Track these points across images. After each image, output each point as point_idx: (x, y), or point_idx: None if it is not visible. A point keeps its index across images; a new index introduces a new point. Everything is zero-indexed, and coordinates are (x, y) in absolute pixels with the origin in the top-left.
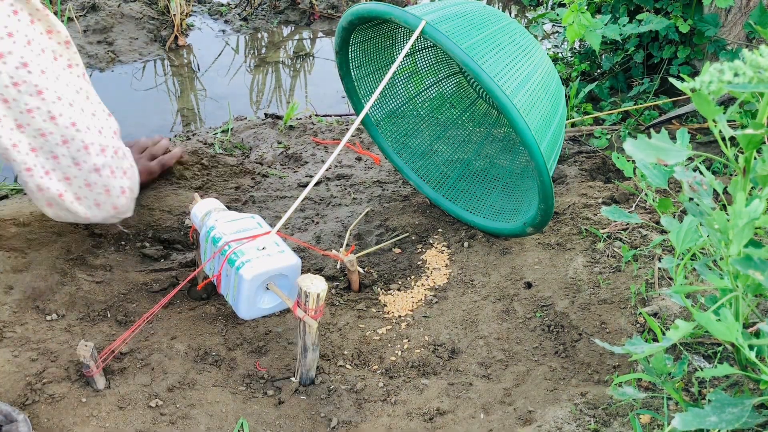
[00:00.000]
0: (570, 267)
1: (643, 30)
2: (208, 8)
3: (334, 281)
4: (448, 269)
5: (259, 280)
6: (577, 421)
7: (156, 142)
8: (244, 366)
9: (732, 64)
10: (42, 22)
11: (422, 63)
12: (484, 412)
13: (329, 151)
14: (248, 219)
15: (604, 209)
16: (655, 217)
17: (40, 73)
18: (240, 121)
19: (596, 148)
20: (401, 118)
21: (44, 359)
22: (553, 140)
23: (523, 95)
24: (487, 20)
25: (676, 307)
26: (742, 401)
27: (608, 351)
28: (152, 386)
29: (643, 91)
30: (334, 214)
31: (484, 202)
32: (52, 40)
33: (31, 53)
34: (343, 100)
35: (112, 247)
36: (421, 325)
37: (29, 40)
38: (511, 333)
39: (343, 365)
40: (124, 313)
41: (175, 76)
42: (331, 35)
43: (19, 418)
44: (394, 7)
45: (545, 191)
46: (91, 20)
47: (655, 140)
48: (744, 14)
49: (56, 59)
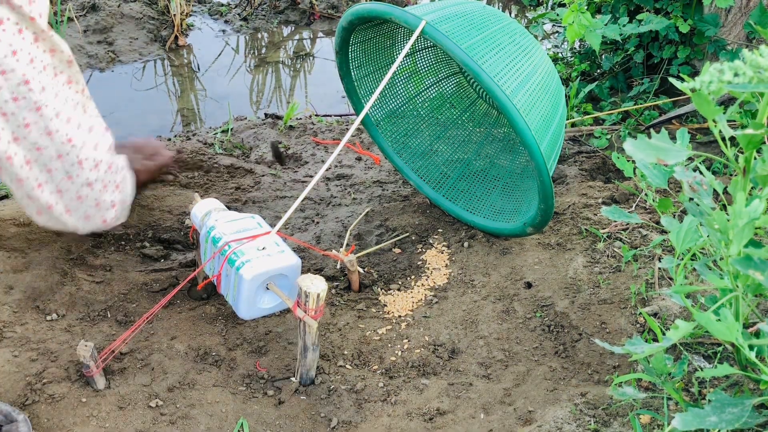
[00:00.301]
0: (570, 267)
1: (643, 30)
2: (208, 8)
3: (334, 281)
4: (448, 269)
5: (259, 280)
6: (577, 421)
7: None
8: (244, 366)
9: (732, 64)
10: (46, 41)
11: (422, 63)
12: (484, 412)
13: (329, 151)
14: (248, 219)
15: (604, 209)
16: (655, 217)
17: (41, 89)
18: (240, 121)
19: (596, 148)
20: (401, 118)
21: (44, 359)
22: (553, 140)
23: (523, 95)
24: (487, 20)
25: (676, 307)
26: (742, 401)
27: (608, 351)
28: (152, 386)
29: (643, 91)
30: (334, 214)
31: (484, 202)
32: (55, 58)
33: (33, 70)
34: (343, 100)
35: (112, 247)
36: (421, 325)
37: (32, 58)
38: (511, 333)
39: (343, 365)
40: (124, 313)
41: (175, 76)
42: (331, 35)
43: (19, 418)
44: (394, 7)
45: (545, 191)
46: (91, 20)
47: (655, 140)
48: (744, 14)
49: (56, 75)
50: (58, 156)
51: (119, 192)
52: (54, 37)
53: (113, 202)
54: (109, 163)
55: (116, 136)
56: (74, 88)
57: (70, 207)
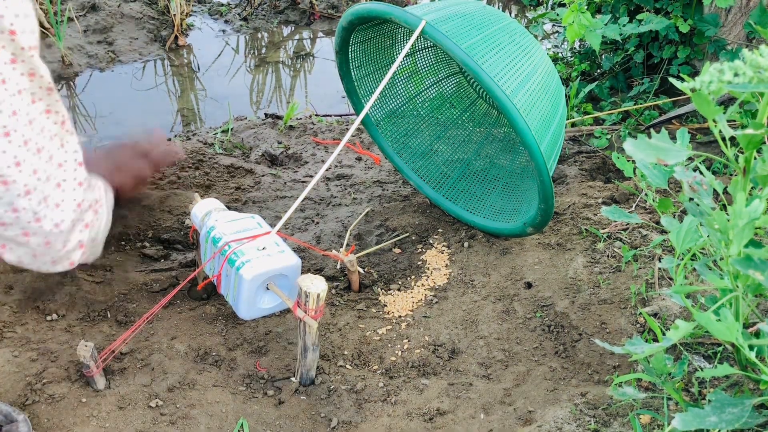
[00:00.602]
0: (570, 267)
1: (643, 30)
2: (208, 8)
3: (334, 281)
4: (448, 269)
5: (259, 281)
6: (577, 421)
7: (153, 143)
8: (244, 366)
9: (732, 64)
10: (25, 63)
11: (422, 63)
12: (484, 412)
13: (329, 151)
14: (248, 219)
15: (604, 209)
16: (655, 217)
17: (11, 114)
18: (240, 121)
19: (596, 148)
20: (401, 118)
21: (44, 359)
22: (553, 140)
23: (523, 95)
24: (487, 20)
25: (676, 307)
26: (742, 401)
27: (608, 351)
28: (152, 386)
29: (643, 91)
30: (334, 214)
31: (484, 202)
32: (34, 83)
33: (5, 92)
34: (343, 100)
35: (112, 247)
36: (421, 325)
37: (3, 79)
38: (511, 333)
39: (343, 365)
40: (124, 313)
41: (175, 76)
42: (331, 35)
43: (19, 418)
44: (394, 7)
45: (545, 191)
46: (91, 20)
47: (655, 140)
48: (744, 14)
49: (34, 102)
50: (26, 192)
51: (89, 230)
52: (34, 58)
53: (81, 242)
54: (78, 201)
55: (116, 136)
56: (53, 119)
57: (37, 252)
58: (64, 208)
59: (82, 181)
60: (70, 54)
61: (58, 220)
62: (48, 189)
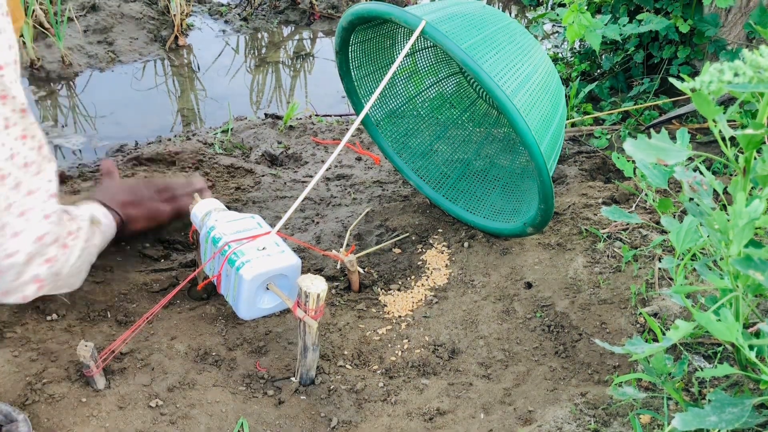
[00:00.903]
0: (570, 267)
1: (643, 30)
2: (208, 8)
3: (334, 281)
4: (448, 269)
5: (259, 281)
6: (577, 421)
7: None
8: (244, 366)
9: (732, 64)
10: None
11: (422, 63)
12: (484, 412)
13: (329, 151)
14: (248, 219)
15: (604, 209)
16: (655, 217)
17: None
18: (240, 121)
19: (596, 148)
20: (401, 118)
21: (44, 359)
22: (553, 140)
23: (523, 95)
24: (487, 20)
25: (676, 307)
26: (742, 401)
27: (608, 351)
28: (152, 386)
29: (643, 91)
30: (334, 214)
31: (484, 202)
32: (6, 107)
33: None
34: (343, 100)
35: (112, 247)
36: (421, 325)
37: None
38: (511, 333)
39: (343, 365)
40: (124, 313)
41: (175, 76)
42: (331, 35)
43: (19, 418)
44: (394, 7)
45: (545, 191)
46: (91, 20)
47: (655, 140)
48: (744, 14)
49: (8, 127)
50: None
51: (48, 266)
52: (3, 78)
53: (37, 276)
54: (39, 235)
55: (116, 136)
56: (29, 144)
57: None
58: (23, 239)
59: (50, 213)
60: (70, 54)
61: (12, 250)
62: (8, 217)
